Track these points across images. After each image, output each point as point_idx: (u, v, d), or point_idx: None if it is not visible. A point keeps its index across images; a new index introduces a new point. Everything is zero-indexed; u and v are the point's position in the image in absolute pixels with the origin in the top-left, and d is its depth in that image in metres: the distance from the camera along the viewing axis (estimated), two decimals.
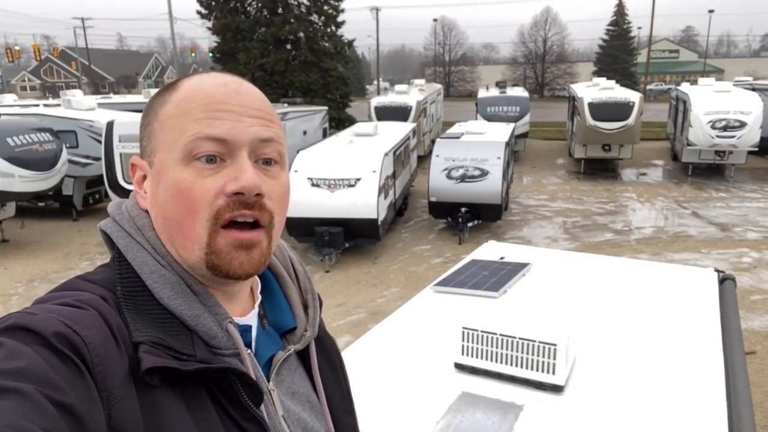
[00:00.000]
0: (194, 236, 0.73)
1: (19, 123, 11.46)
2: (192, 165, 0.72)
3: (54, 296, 0.69)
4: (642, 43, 55.67)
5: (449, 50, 66.00)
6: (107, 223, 0.80)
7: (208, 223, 0.72)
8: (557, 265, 3.28)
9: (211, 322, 0.74)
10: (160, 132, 0.75)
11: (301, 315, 0.89)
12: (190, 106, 0.73)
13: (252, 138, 0.74)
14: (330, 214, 9.83)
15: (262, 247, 0.75)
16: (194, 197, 0.72)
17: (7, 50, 39.52)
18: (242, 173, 0.72)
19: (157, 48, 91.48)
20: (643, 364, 2.07)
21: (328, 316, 7.95)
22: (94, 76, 52.12)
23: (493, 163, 11.09)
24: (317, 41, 24.24)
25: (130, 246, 0.76)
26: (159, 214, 0.76)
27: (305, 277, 0.94)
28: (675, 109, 19.20)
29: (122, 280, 0.73)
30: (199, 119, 0.72)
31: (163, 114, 0.75)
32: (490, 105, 20.42)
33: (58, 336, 0.60)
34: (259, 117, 0.76)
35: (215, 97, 0.73)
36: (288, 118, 13.51)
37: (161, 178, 0.74)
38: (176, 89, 0.76)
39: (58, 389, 0.56)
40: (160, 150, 0.75)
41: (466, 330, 2.04)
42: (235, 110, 0.73)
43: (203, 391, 0.70)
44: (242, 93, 0.75)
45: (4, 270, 10.13)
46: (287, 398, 0.83)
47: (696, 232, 11.74)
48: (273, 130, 0.77)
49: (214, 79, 0.76)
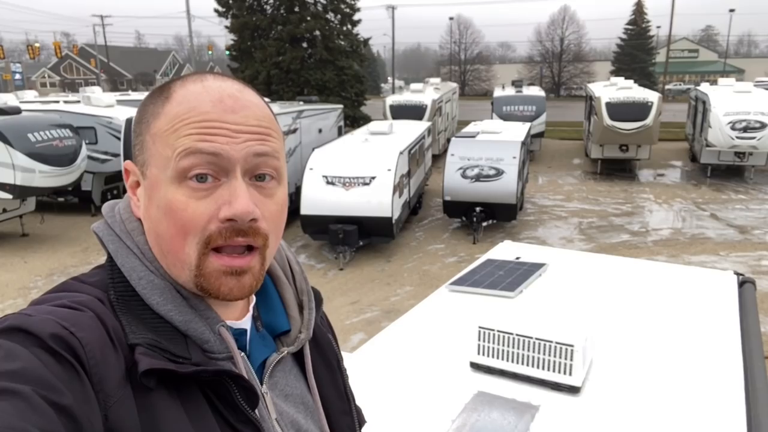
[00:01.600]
0: (184, 257, 0.72)
1: (39, 119, 11.62)
2: (185, 184, 0.70)
3: (50, 298, 0.69)
4: (661, 43, 54.97)
5: (465, 49, 65.73)
6: (99, 226, 0.79)
7: (199, 246, 0.70)
8: (574, 266, 3.26)
9: (202, 327, 0.74)
10: (152, 146, 0.73)
11: (296, 316, 0.88)
12: (182, 124, 0.70)
13: (246, 154, 0.71)
14: (344, 212, 9.86)
15: (254, 272, 0.74)
16: (186, 219, 0.70)
17: (28, 47, 40.16)
18: (236, 198, 0.69)
19: (175, 46, 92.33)
20: (661, 367, 2.05)
21: (342, 313, 7.98)
22: (112, 73, 52.73)
23: (509, 162, 11.03)
24: (333, 39, 24.29)
25: (120, 251, 0.75)
26: (151, 229, 0.75)
27: (302, 277, 0.92)
28: (694, 109, 18.95)
29: (114, 284, 0.73)
30: (191, 135, 0.70)
31: (155, 128, 0.73)
32: (506, 104, 20.31)
33: (55, 337, 0.60)
34: (256, 132, 0.72)
35: (209, 116, 0.70)
36: (303, 116, 13.56)
37: (153, 194, 0.73)
38: (169, 100, 0.73)
39: (55, 390, 0.56)
40: (152, 165, 0.73)
41: (483, 329, 2.04)
42: (230, 128, 0.71)
43: (199, 393, 0.70)
44: (238, 110, 0.72)
45: (24, 263, 10.30)
46: (281, 401, 0.82)
47: (714, 234, 11.58)
48: (270, 144, 0.74)
49: (210, 93, 0.72)
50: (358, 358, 2.23)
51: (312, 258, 10.57)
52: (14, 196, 10.55)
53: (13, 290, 8.93)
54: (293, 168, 12.49)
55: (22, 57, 56.46)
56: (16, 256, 10.75)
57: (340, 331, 7.36)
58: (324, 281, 9.38)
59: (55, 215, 12.84)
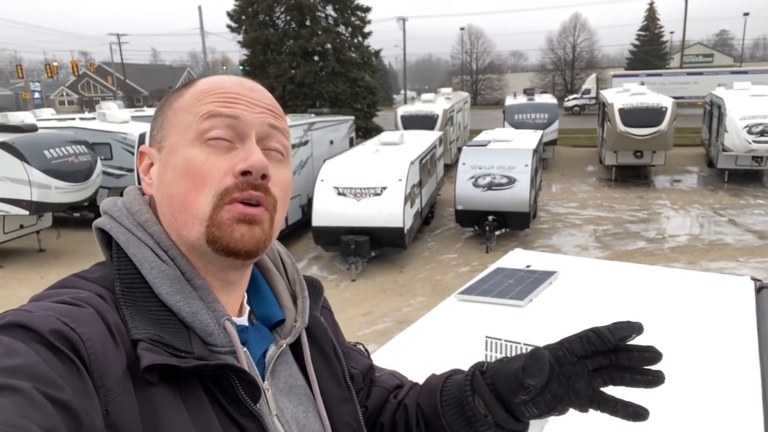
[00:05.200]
0: (196, 211, 0.73)
1: (55, 136, 11.82)
2: (205, 144, 0.74)
3: (50, 294, 0.69)
4: (674, 48, 54.64)
5: (476, 58, 65.88)
6: (104, 221, 0.79)
7: (214, 199, 0.73)
8: (586, 274, 3.20)
9: (208, 319, 0.74)
10: (173, 118, 0.78)
11: (290, 306, 0.88)
12: (204, 94, 0.77)
13: (261, 122, 0.77)
14: (356, 222, 9.85)
15: (264, 226, 0.76)
16: (203, 172, 0.73)
17: (47, 66, 41.03)
18: (251, 154, 0.74)
19: (190, 62, 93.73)
20: (675, 374, 1.99)
21: (354, 324, 7.94)
22: (129, 90, 53.64)
23: (521, 170, 10.97)
24: (344, 52, 24.49)
25: (131, 242, 0.76)
26: (165, 194, 0.76)
27: (293, 268, 0.94)
28: (710, 114, 18.73)
29: (121, 276, 0.73)
30: (213, 102, 0.76)
31: (177, 103, 0.78)
32: (518, 112, 20.26)
33: (55, 333, 0.60)
34: (270, 110, 0.79)
35: (230, 89, 0.77)
36: (315, 128, 13.63)
37: (171, 158, 0.76)
38: (192, 84, 0.80)
39: (55, 386, 0.56)
40: (173, 133, 0.77)
41: (490, 339, 2.00)
42: (249, 101, 0.77)
43: (200, 388, 0.70)
44: (255, 90, 0.79)
45: (41, 279, 10.43)
46: (283, 395, 0.82)
47: (733, 240, 11.38)
48: (282, 123, 0.81)
49: (230, 77, 0.80)
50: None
51: (324, 269, 10.56)
52: (31, 212, 10.72)
53: None
54: (305, 180, 12.53)
55: (41, 76, 57.67)
56: (33, 271, 10.89)
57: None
58: (336, 292, 9.35)
59: (71, 230, 13.00)
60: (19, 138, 10.63)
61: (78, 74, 49.75)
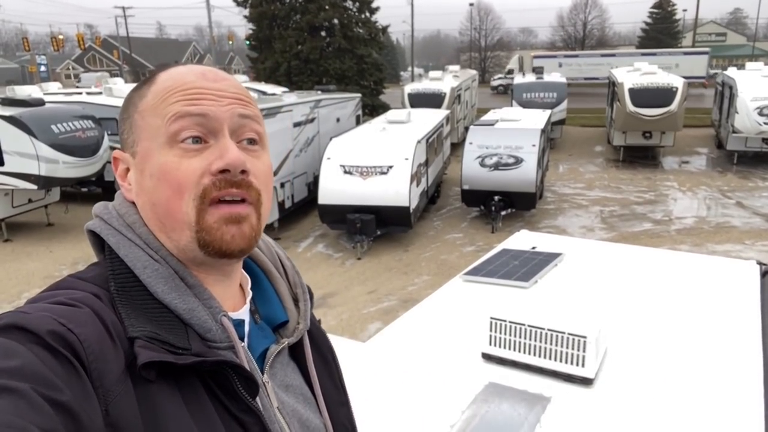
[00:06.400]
0: (182, 216, 0.73)
1: (62, 110, 11.80)
2: (177, 147, 0.73)
3: (46, 295, 0.69)
4: (687, 26, 53.63)
5: (485, 35, 64.93)
6: (95, 224, 0.79)
7: (195, 203, 0.72)
8: (591, 256, 3.21)
9: (205, 316, 0.74)
10: (141, 121, 0.76)
11: (292, 309, 0.90)
12: (169, 94, 0.74)
13: (231, 114, 0.75)
14: (362, 201, 9.86)
15: (252, 221, 0.76)
16: (180, 177, 0.72)
17: (52, 39, 40.77)
18: (226, 151, 0.73)
19: (195, 36, 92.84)
20: (677, 358, 2.01)
21: (359, 302, 8.01)
22: (135, 65, 53.24)
23: (528, 150, 10.90)
24: (351, 28, 24.18)
25: (122, 243, 0.76)
26: (146, 201, 0.76)
27: (293, 271, 0.94)
28: (721, 94, 18.48)
29: (115, 276, 0.73)
30: (179, 101, 0.74)
31: (142, 105, 0.76)
32: (526, 91, 20.04)
33: (53, 334, 0.60)
34: (237, 98, 0.77)
35: (194, 84, 0.75)
36: (321, 105, 13.55)
37: (146, 165, 0.75)
38: (153, 82, 0.77)
39: (54, 388, 0.56)
40: (143, 138, 0.75)
41: (494, 320, 2.02)
42: (215, 93, 0.75)
43: (199, 384, 0.70)
44: (219, 80, 0.77)
45: (50, 253, 10.54)
46: (281, 391, 0.83)
47: (740, 223, 11.33)
48: (251, 109, 0.79)
49: (191, 69, 0.78)
50: (371, 347, 2.23)
51: (330, 247, 10.61)
52: (39, 186, 10.77)
53: (38, 279, 9.14)
54: (311, 157, 12.51)
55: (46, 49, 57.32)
56: (42, 245, 11.00)
57: (358, 320, 7.41)
58: (342, 270, 9.41)
59: (78, 205, 13.07)
60: (26, 112, 10.63)
61: (84, 48, 49.38)
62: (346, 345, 2.39)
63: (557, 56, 38.19)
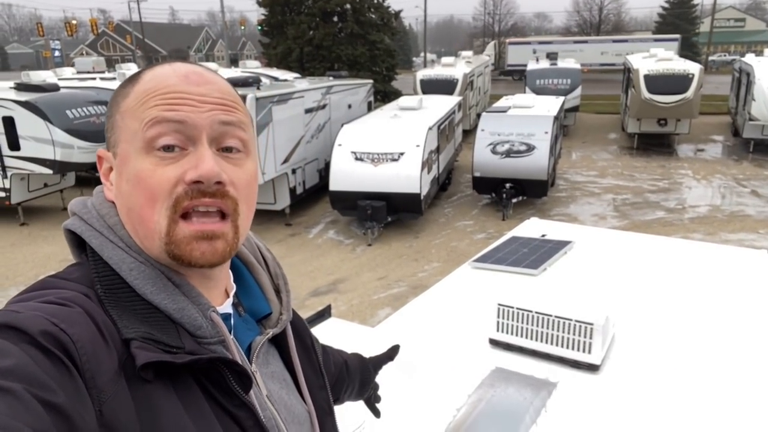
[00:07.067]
0: (153, 225, 0.72)
1: (77, 96, 11.91)
2: (152, 154, 0.71)
3: (34, 295, 0.68)
4: (705, 12, 52.55)
5: (499, 20, 64.16)
6: (75, 223, 0.78)
7: (168, 212, 0.71)
8: (601, 244, 3.21)
9: (195, 313, 0.74)
10: (121, 122, 0.74)
11: (275, 300, 0.91)
12: (149, 97, 0.72)
13: (211, 121, 0.73)
14: (373, 187, 9.87)
15: (228, 238, 0.74)
16: (153, 185, 0.71)
17: (66, 24, 40.92)
18: (201, 161, 0.71)
19: (208, 21, 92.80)
20: (685, 346, 2.03)
21: (369, 288, 8.06)
22: (147, 50, 53.36)
23: (541, 137, 10.82)
24: (364, 13, 23.98)
25: (105, 245, 0.75)
26: (123, 205, 0.75)
27: (275, 263, 0.94)
28: (738, 81, 18.15)
29: (101, 278, 0.72)
30: (157, 106, 0.72)
31: (124, 106, 0.74)
32: (540, 77, 19.81)
33: (45, 334, 0.59)
34: (220, 103, 0.75)
35: (175, 88, 0.73)
36: (332, 91, 13.52)
37: (124, 169, 0.74)
38: (137, 81, 0.75)
39: (47, 388, 0.55)
40: (122, 140, 0.74)
41: (502, 307, 2.04)
42: (196, 98, 0.73)
43: (192, 381, 0.70)
44: (202, 84, 0.74)
45: None
46: (268, 379, 0.85)
47: (754, 212, 11.20)
48: (235, 115, 0.76)
49: (176, 70, 0.75)
50: (380, 332, 2.27)
51: (340, 234, 10.66)
52: (54, 171, 10.91)
53: (54, 262, 9.30)
54: (323, 144, 12.52)
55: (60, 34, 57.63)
56: (57, 229, 11.15)
57: (368, 306, 7.47)
58: (352, 257, 9.46)
59: (93, 190, 13.20)
60: (41, 97, 10.74)
61: (97, 33, 49.61)
62: (356, 330, 2.43)
63: (531, 43, 38.49)
